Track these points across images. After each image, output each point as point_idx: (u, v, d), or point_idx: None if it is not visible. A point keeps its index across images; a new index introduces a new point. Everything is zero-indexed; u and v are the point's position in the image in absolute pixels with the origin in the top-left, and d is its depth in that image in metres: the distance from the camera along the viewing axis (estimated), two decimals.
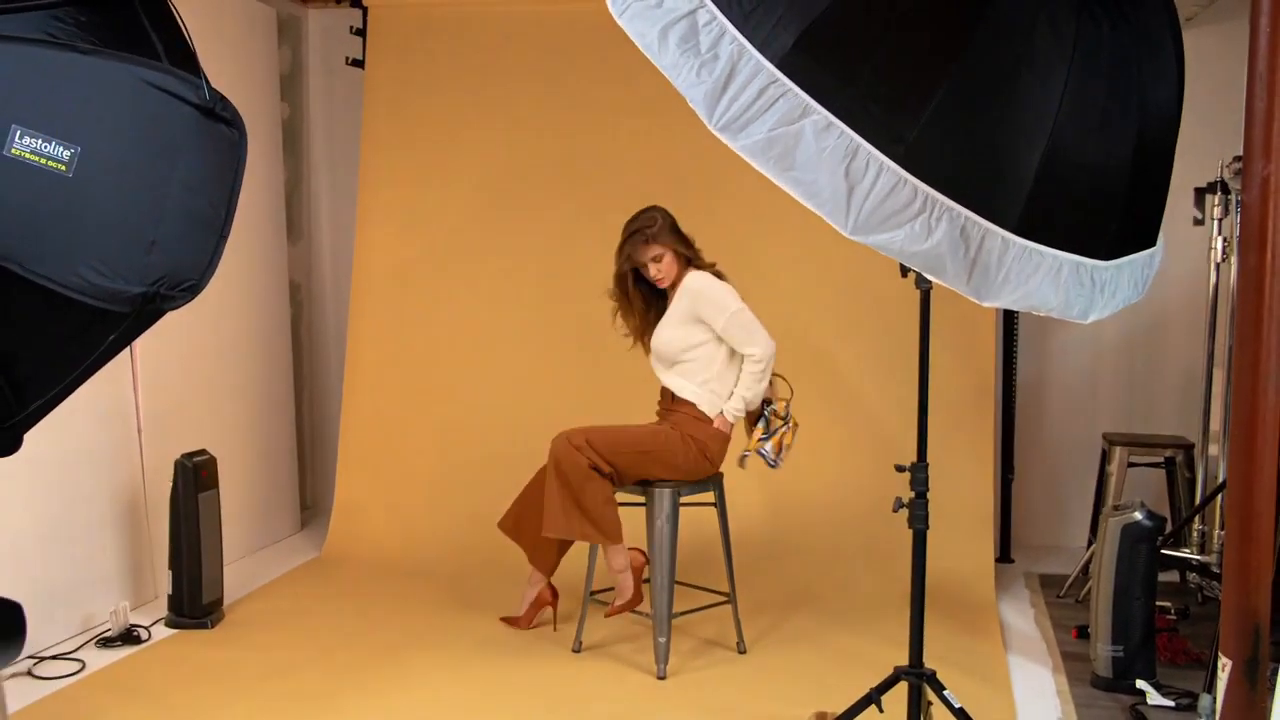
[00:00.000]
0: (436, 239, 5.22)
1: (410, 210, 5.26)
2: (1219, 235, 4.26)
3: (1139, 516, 3.56)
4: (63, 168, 1.92)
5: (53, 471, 3.87)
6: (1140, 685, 3.46)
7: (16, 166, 1.88)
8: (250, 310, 5.08)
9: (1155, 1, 2.34)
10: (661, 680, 3.62)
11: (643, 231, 3.74)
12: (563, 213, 5.11)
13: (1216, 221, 4.25)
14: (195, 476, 4.04)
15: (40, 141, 1.90)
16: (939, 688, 2.93)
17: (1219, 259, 4.30)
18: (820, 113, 2.01)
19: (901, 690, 2.93)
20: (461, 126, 5.22)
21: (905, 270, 2.54)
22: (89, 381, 2.21)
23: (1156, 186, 2.43)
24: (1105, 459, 4.65)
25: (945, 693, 2.92)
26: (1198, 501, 4.38)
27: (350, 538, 5.01)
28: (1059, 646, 3.94)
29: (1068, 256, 2.23)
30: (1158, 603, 3.67)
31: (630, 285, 3.83)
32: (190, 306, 2.19)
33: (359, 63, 5.38)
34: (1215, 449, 4.35)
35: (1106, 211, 2.30)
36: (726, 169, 2.90)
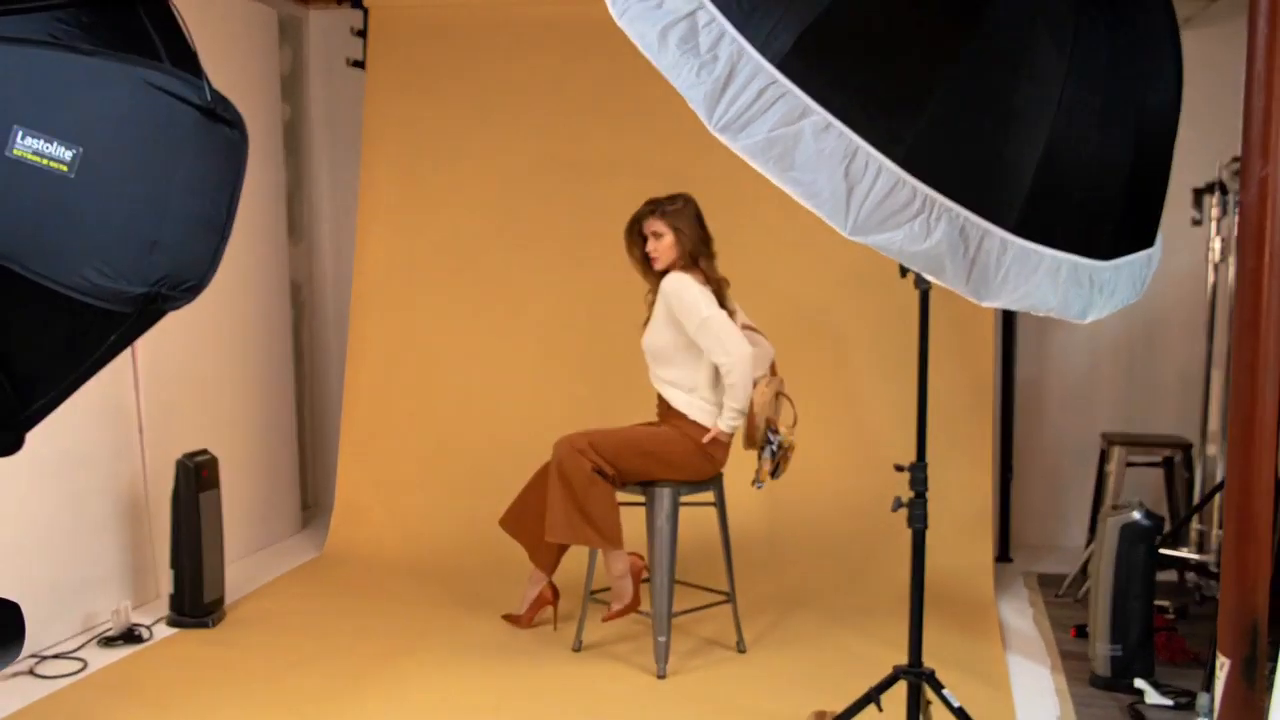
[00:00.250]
0: (437, 239, 5.23)
1: (411, 211, 5.26)
2: (1217, 235, 4.27)
3: (1137, 516, 3.57)
4: (65, 168, 1.92)
5: (54, 471, 3.88)
6: (1139, 684, 3.47)
7: (18, 167, 1.88)
8: (251, 311, 5.08)
9: (1154, 2, 2.35)
10: (661, 680, 3.63)
11: (659, 204, 3.75)
12: (563, 212, 5.11)
13: (1215, 222, 4.26)
14: (196, 476, 4.05)
15: (42, 142, 1.90)
16: (938, 687, 2.93)
17: (1217, 259, 4.30)
18: (819, 113, 2.02)
19: (901, 689, 2.94)
20: (462, 127, 5.23)
21: (904, 270, 2.55)
22: (90, 381, 2.21)
23: (1155, 187, 2.43)
24: (1104, 459, 4.66)
25: (944, 692, 2.92)
26: (1196, 501, 4.39)
27: (350, 538, 5.02)
28: (1058, 646, 3.94)
29: (1066, 257, 2.23)
30: (1156, 602, 3.68)
31: (633, 237, 3.81)
32: (191, 307, 2.20)
33: (360, 64, 5.39)
34: (1213, 449, 4.36)
35: (1105, 212, 2.30)
36: (726, 170, 2.91)
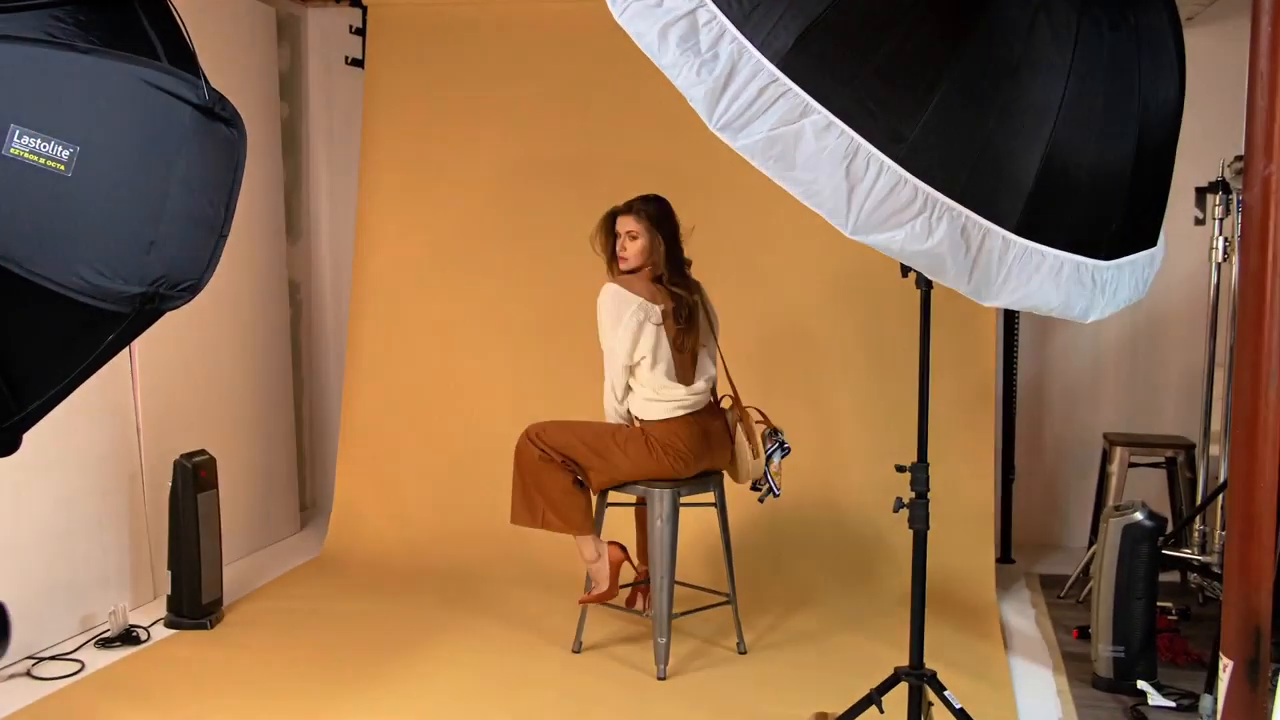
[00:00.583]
0: (436, 238, 5.22)
1: (410, 210, 5.26)
2: (1220, 235, 4.26)
3: (1140, 517, 3.56)
4: (62, 167, 1.92)
5: (52, 471, 3.87)
6: (1141, 686, 3.46)
7: (15, 166, 1.88)
8: (250, 310, 5.08)
9: (1156, 1, 2.34)
10: (661, 680, 3.62)
11: (637, 207, 3.72)
12: (563, 212, 5.10)
13: (1217, 221, 4.25)
14: (195, 476, 4.04)
15: (39, 141, 1.90)
16: (939, 688, 2.92)
17: (1220, 259, 4.29)
18: (820, 112, 2.01)
19: (902, 691, 2.93)
20: (461, 126, 5.22)
21: (906, 270, 2.54)
22: (88, 381, 2.21)
23: (1157, 186, 2.43)
24: (1106, 459, 4.65)
25: (946, 693, 2.91)
26: (1199, 502, 4.38)
27: (350, 538, 5.01)
28: (1060, 647, 3.93)
29: (1068, 256, 2.22)
30: (1159, 603, 3.67)
31: (605, 232, 3.76)
32: (190, 306, 2.19)
33: (359, 62, 5.38)
34: (1216, 449, 4.35)
35: (1107, 211, 2.30)
36: (727, 169, 2.90)
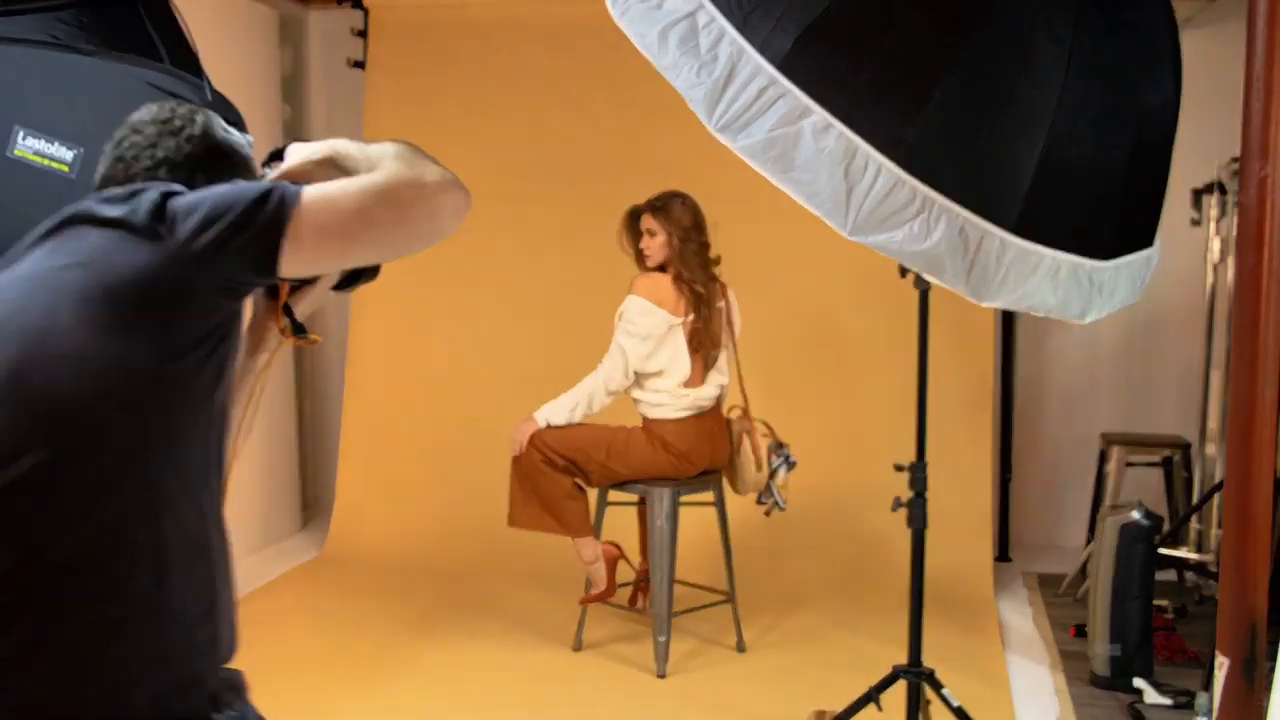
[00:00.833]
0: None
1: None
2: (1216, 236, 4.27)
3: (1137, 516, 3.57)
4: (65, 169, 1.93)
5: None
6: (1138, 684, 3.47)
7: (19, 168, 1.89)
8: (250, 309, 5.07)
9: (1153, 3, 2.35)
10: (661, 679, 3.63)
11: (655, 204, 3.74)
12: (564, 213, 5.11)
13: (1214, 222, 4.26)
14: None
15: (43, 143, 1.90)
16: (938, 686, 2.94)
17: (1216, 260, 4.31)
18: (819, 113, 2.02)
19: (900, 689, 2.94)
20: (462, 128, 5.22)
21: (904, 270, 2.56)
22: None
23: (1154, 187, 2.44)
24: (1103, 458, 4.66)
25: (944, 691, 2.93)
26: (1195, 501, 4.39)
27: (350, 537, 5.02)
28: (1057, 645, 3.94)
29: (1066, 257, 2.23)
30: (1155, 602, 3.69)
31: (630, 230, 3.81)
32: None
33: (360, 64, 5.39)
34: (1213, 449, 4.36)
35: (1104, 212, 2.31)
36: (726, 170, 2.91)
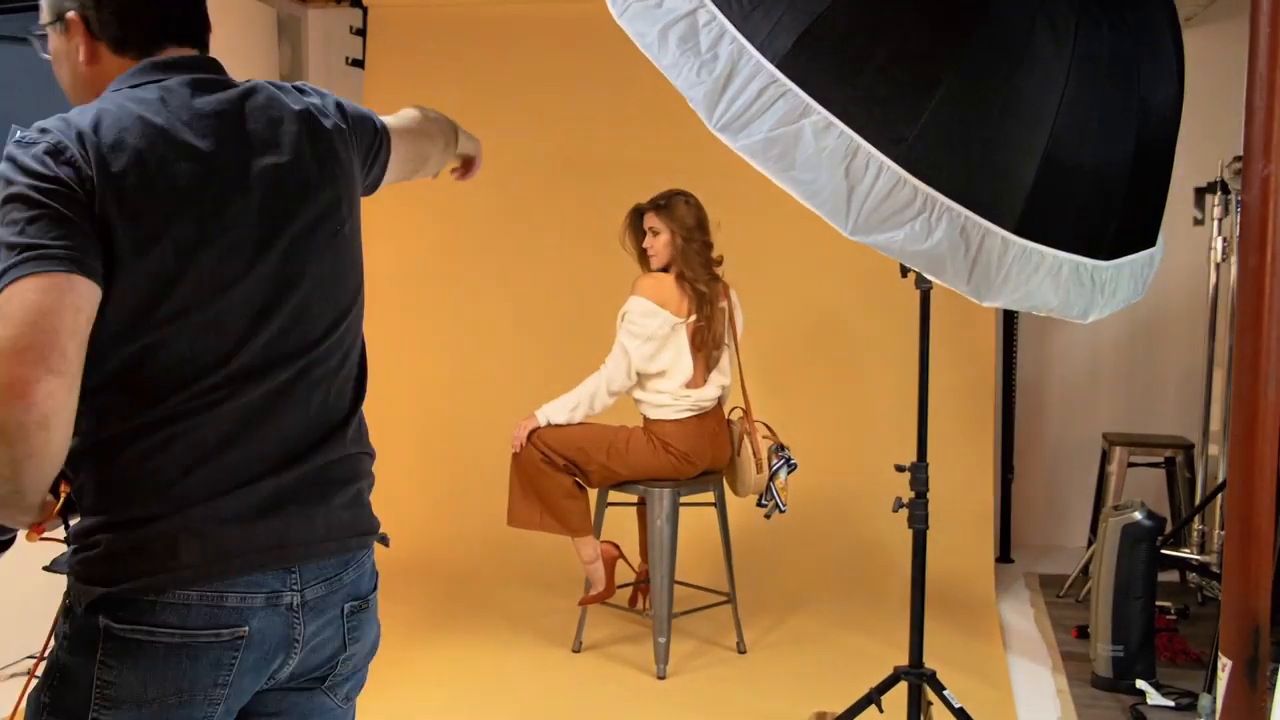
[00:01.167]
0: (437, 239, 5.22)
1: (410, 210, 5.25)
2: (1219, 235, 4.26)
3: (1139, 516, 3.56)
4: None
5: None
6: (1140, 685, 3.46)
7: None
8: None
9: (1155, 1, 2.34)
10: (661, 680, 3.62)
11: (657, 202, 3.73)
12: (564, 212, 5.11)
13: (1216, 221, 4.25)
14: None
15: None
16: (939, 688, 2.93)
17: (1219, 259, 4.30)
18: (820, 113, 2.01)
19: (901, 690, 2.93)
20: (462, 126, 5.21)
21: (905, 270, 2.55)
22: None
23: (1156, 186, 2.43)
24: (1105, 459, 4.65)
25: (945, 693, 2.92)
26: (1197, 501, 4.38)
27: None
28: (1059, 646, 3.94)
29: (1068, 256, 2.22)
30: (1158, 603, 3.67)
31: (634, 229, 3.79)
32: None
33: (359, 63, 5.38)
34: (1215, 449, 4.35)
35: (1106, 211, 2.30)
36: (726, 169, 2.90)
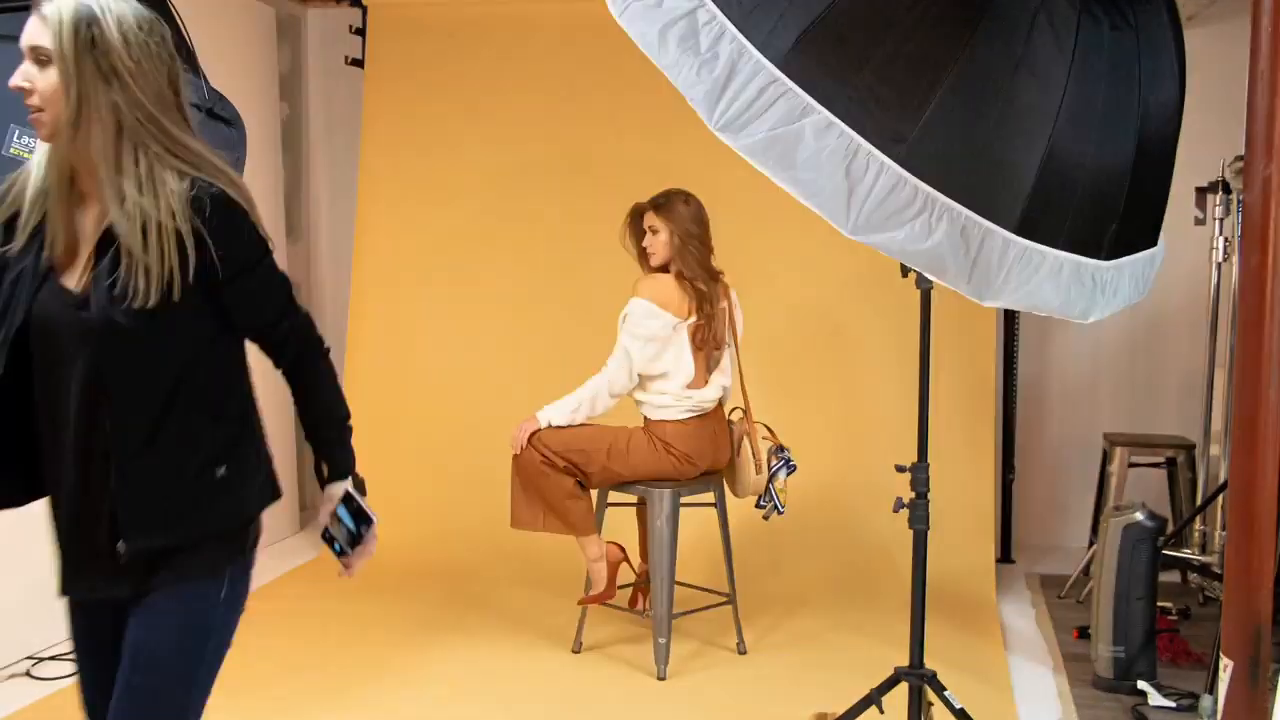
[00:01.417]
0: (436, 239, 5.22)
1: (410, 210, 5.25)
2: (1220, 235, 4.26)
3: (1140, 517, 3.56)
4: None
5: None
6: (1141, 686, 3.46)
7: (15, 165, 1.87)
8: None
9: (1157, 1, 2.34)
10: (661, 681, 3.62)
11: (657, 201, 3.73)
12: (563, 212, 5.10)
13: (1218, 221, 4.24)
14: None
15: (39, 140, 1.89)
16: (940, 688, 2.92)
17: (1220, 259, 4.29)
18: (820, 112, 2.01)
19: (902, 691, 2.93)
20: (461, 126, 5.21)
21: (906, 270, 2.54)
22: None
23: (1157, 186, 2.42)
24: (1106, 459, 4.64)
25: (946, 693, 2.91)
26: (1199, 502, 4.37)
27: None
28: (1060, 647, 3.93)
29: (1068, 256, 2.22)
30: (1159, 603, 3.67)
31: (633, 228, 3.78)
32: None
33: (359, 62, 5.38)
34: (1217, 449, 4.34)
35: (1107, 211, 2.29)
36: (727, 169, 2.90)
